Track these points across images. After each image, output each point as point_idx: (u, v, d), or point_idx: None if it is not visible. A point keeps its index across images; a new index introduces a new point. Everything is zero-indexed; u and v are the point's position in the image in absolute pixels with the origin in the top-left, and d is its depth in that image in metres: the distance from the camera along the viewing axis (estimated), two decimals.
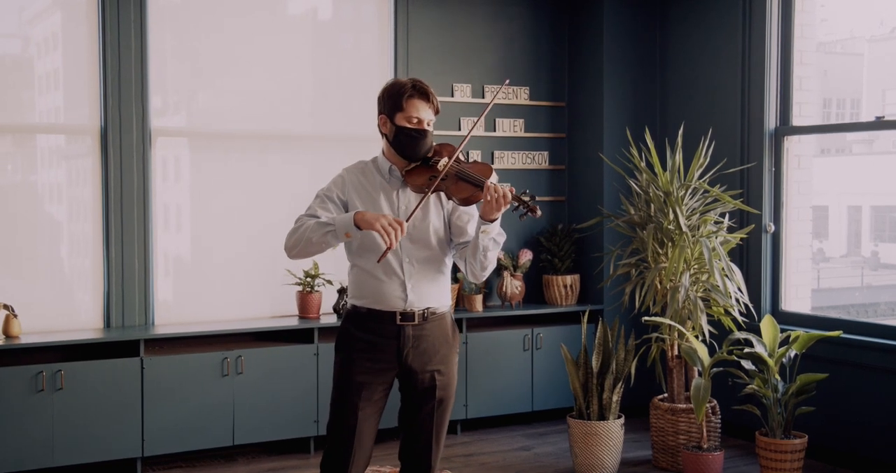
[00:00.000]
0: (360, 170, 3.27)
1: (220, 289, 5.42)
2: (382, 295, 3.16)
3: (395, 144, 3.19)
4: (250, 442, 5.13)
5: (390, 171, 3.23)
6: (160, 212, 5.31)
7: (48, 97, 5.18)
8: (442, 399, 3.22)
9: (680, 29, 5.97)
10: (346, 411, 3.17)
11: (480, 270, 3.18)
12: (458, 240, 3.25)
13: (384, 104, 3.21)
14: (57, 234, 5.14)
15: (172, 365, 4.92)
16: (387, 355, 3.17)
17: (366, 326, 3.19)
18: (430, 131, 3.19)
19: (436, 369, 3.21)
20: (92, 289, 5.14)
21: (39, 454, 4.63)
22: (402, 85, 3.18)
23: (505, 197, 3.00)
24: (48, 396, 4.64)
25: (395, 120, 3.17)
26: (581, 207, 6.17)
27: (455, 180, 3.13)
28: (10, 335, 4.76)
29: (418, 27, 5.84)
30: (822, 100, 12.38)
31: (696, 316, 4.90)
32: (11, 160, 5.08)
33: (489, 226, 3.08)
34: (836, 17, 9.79)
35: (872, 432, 4.86)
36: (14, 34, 5.17)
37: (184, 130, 5.42)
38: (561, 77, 6.30)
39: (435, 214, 3.22)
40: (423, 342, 3.19)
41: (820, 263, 12.00)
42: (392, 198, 3.22)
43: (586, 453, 4.86)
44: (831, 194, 11.78)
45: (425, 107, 3.17)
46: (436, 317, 3.22)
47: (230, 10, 5.45)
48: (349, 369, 3.19)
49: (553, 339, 5.82)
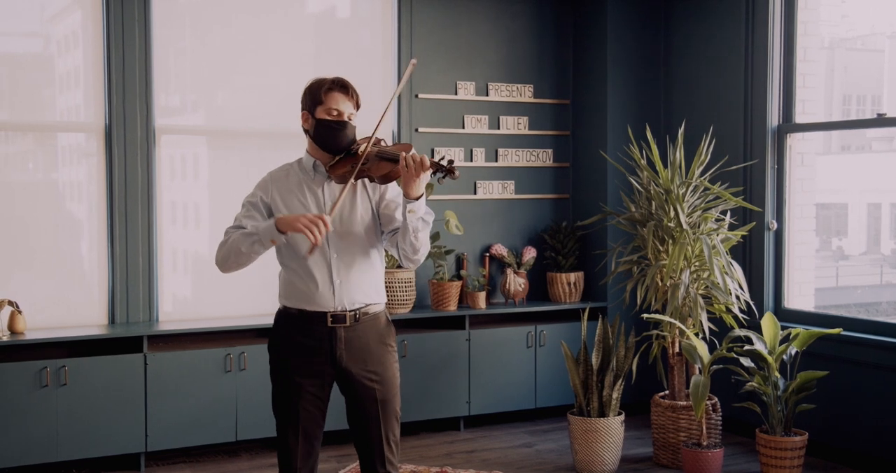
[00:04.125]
0: (284, 171, 3.25)
1: (224, 286, 5.46)
2: (312, 294, 3.13)
3: (317, 138, 3.16)
4: (253, 438, 5.17)
5: (314, 167, 3.20)
6: (164, 210, 5.36)
7: (64, 95, 5.24)
8: (383, 400, 3.18)
9: (683, 26, 5.96)
10: (288, 412, 3.16)
11: (413, 253, 3.13)
12: (388, 228, 3.20)
13: (305, 100, 3.19)
14: (62, 231, 5.20)
15: (176, 361, 4.97)
16: (320, 357, 3.15)
17: (297, 328, 3.16)
18: (350, 123, 3.16)
19: (372, 370, 3.17)
20: (97, 286, 5.20)
21: (44, 448, 4.70)
22: (322, 80, 3.17)
23: (423, 163, 2.96)
24: (52, 391, 4.70)
25: (315, 114, 3.15)
26: (585, 205, 6.17)
27: (376, 161, 3.09)
28: (15, 331, 4.82)
29: (422, 25, 5.86)
30: (841, 96, 12.29)
31: (697, 314, 4.89)
32: (15, 158, 5.15)
33: (415, 203, 3.02)
34: (857, 13, 9.73)
35: (873, 429, 4.83)
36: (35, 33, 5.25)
37: (186, 128, 5.47)
38: (565, 74, 6.30)
39: (361, 205, 3.18)
40: (357, 342, 3.15)
41: (839, 261, 11.92)
42: (317, 194, 3.18)
43: (586, 449, 4.87)
44: (851, 191, 11.68)
45: (345, 99, 3.14)
46: (368, 318, 3.19)
47: (235, 8, 5.50)
48: (286, 370, 3.17)
49: (556, 336, 5.82)
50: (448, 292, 5.69)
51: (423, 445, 5.42)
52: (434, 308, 5.73)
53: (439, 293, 5.68)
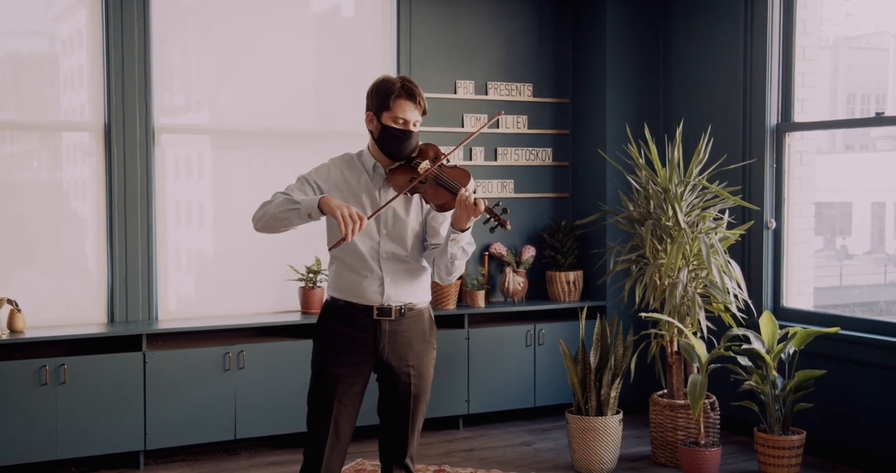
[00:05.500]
0: (347, 163, 3.29)
1: (223, 285, 5.48)
2: (360, 289, 3.20)
3: (380, 143, 3.21)
4: (252, 436, 5.18)
5: (374, 168, 3.25)
6: (169, 209, 5.37)
7: (69, 95, 5.26)
8: (417, 394, 3.27)
9: (682, 25, 5.96)
10: (322, 403, 3.21)
11: (446, 275, 3.21)
12: (431, 241, 3.27)
13: (372, 101, 3.22)
14: (62, 230, 5.21)
15: (175, 359, 4.98)
16: (363, 348, 3.21)
17: (343, 319, 3.23)
18: (415, 132, 3.20)
19: (411, 364, 3.24)
20: (96, 284, 5.22)
21: (43, 446, 4.71)
22: (391, 83, 3.18)
23: (476, 208, 3.02)
24: (51, 390, 4.72)
25: (381, 118, 3.18)
26: (585, 204, 6.18)
27: (433, 185, 3.15)
28: (14, 329, 4.84)
29: (421, 24, 5.87)
30: (846, 95, 12.25)
31: (695, 313, 4.89)
32: (20, 157, 5.17)
33: (459, 235, 3.10)
34: (861, 11, 9.70)
35: (871, 428, 4.83)
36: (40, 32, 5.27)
37: (188, 127, 5.48)
38: (565, 73, 6.31)
39: (414, 214, 3.25)
40: (400, 337, 3.22)
41: (843, 260, 11.89)
42: (374, 196, 3.24)
43: (584, 448, 4.88)
44: (855, 191, 11.65)
45: (412, 107, 3.17)
46: (413, 313, 3.26)
47: (236, 8, 5.51)
48: (326, 361, 3.24)
49: (555, 335, 5.83)
50: (447, 291, 5.69)
51: (422, 444, 5.42)
52: (433, 306, 5.73)
53: (438, 292, 5.69)
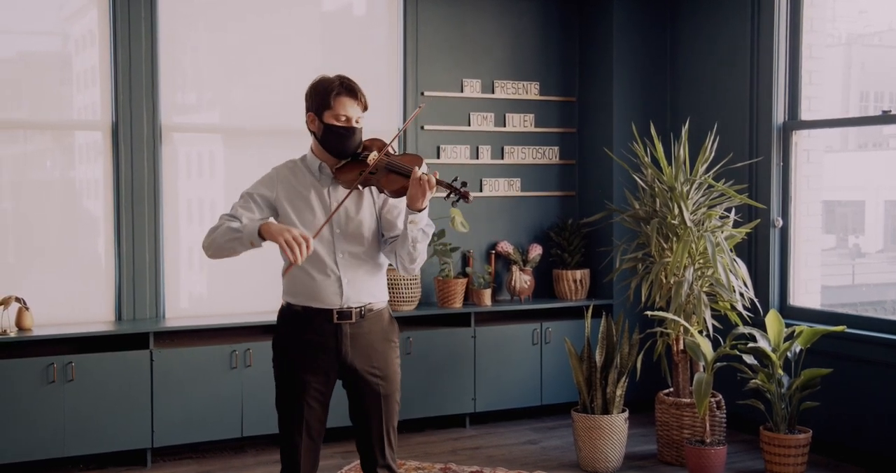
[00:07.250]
0: (290, 169, 3.25)
1: (230, 283, 5.50)
2: (317, 292, 3.15)
3: (324, 142, 3.17)
4: (259, 434, 5.20)
5: (320, 169, 3.20)
6: (175, 207, 5.40)
7: (81, 94, 5.29)
8: (386, 394, 3.22)
9: (689, 23, 5.94)
10: (292, 408, 3.18)
11: (410, 262, 3.16)
12: (389, 235, 3.22)
13: (312, 102, 3.18)
14: (70, 228, 5.24)
15: (182, 357, 5.01)
16: (326, 354, 3.17)
17: (302, 325, 3.19)
18: (358, 128, 3.17)
19: (376, 367, 3.20)
20: (104, 282, 5.25)
21: (50, 444, 4.75)
22: (330, 82, 3.15)
23: (430, 183, 2.98)
24: (59, 387, 4.75)
25: (323, 118, 3.14)
26: (591, 202, 6.17)
27: (385, 173, 3.11)
28: (22, 327, 4.88)
29: (427, 23, 5.87)
30: (858, 93, 12.18)
31: (701, 311, 4.88)
32: (33, 156, 5.20)
33: (417, 215, 3.05)
34: (874, 8, 9.65)
35: (877, 427, 4.81)
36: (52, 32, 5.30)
37: (196, 126, 5.51)
38: (571, 72, 6.30)
39: (367, 209, 3.20)
40: (361, 339, 3.18)
41: (855, 258, 11.83)
42: (323, 196, 3.19)
43: (590, 447, 4.88)
44: (868, 189, 11.60)
45: (353, 104, 3.14)
46: (373, 314, 3.22)
47: (245, 7, 5.53)
48: (289, 368, 3.20)
49: (562, 334, 5.83)
50: (453, 289, 5.70)
51: (428, 442, 5.44)
52: (440, 305, 5.75)
53: (445, 290, 5.70)
